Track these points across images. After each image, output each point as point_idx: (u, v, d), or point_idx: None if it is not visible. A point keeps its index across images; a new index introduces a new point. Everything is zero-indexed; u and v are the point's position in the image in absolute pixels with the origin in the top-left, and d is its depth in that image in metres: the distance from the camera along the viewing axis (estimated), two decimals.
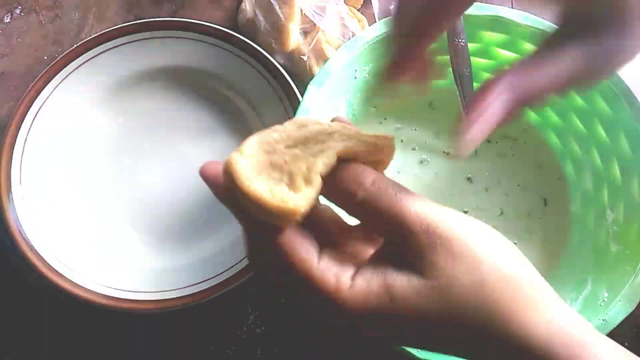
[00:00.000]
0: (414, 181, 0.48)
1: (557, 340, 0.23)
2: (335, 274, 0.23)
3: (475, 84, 0.50)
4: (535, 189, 0.48)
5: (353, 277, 0.23)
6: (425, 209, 0.23)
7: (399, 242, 0.23)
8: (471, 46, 0.46)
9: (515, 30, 0.43)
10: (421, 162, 0.48)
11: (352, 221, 0.27)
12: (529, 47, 0.44)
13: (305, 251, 0.23)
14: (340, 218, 0.28)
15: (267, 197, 0.22)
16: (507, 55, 0.46)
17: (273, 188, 0.23)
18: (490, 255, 0.23)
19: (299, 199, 0.22)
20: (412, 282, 0.23)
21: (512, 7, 0.49)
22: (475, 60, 0.48)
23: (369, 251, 0.26)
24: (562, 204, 0.48)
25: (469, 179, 0.49)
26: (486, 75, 0.49)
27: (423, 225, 0.23)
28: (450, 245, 0.22)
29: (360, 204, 0.23)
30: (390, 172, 0.48)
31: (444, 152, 0.49)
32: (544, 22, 0.42)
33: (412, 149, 0.49)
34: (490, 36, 0.45)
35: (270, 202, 0.22)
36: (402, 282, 0.23)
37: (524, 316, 0.22)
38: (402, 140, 0.49)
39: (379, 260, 0.24)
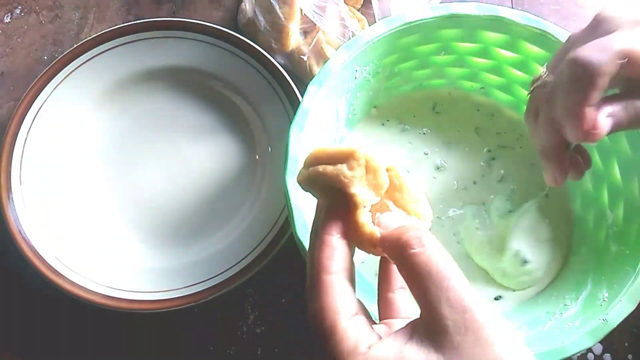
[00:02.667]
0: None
1: None
2: (356, 337, 0.24)
3: (475, 84, 0.51)
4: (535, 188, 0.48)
5: (371, 346, 0.23)
6: (465, 291, 0.23)
7: (432, 315, 0.24)
8: (471, 46, 0.46)
9: (515, 30, 0.43)
10: (438, 168, 0.49)
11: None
12: (529, 47, 0.44)
13: (343, 302, 0.24)
14: (367, 311, 0.28)
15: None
16: (507, 55, 0.46)
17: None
18: (506, 354, 0.23)
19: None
20: (424, 356, 0.23)
21: (512, 7, 0.49)
22: (475, 60, 0.48)
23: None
24: (563, 204, 0.48)
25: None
26: (485, 75, 0.49)
27: (462, 305, 0.23)
28: (480, 332, 0.23)
29: (406, 266, 0.24)
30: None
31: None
32: (544, 22, 0.42)
33: (425, 154, 0.49)
34: (490, 36, 0.45)
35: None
36: (418, 356, 0.23)
37: None
38: (409, 143, 0.49)
39: (401, 336, 0.25)
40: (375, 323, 0.28)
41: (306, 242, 0.36)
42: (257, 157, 0.51)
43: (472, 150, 0.49)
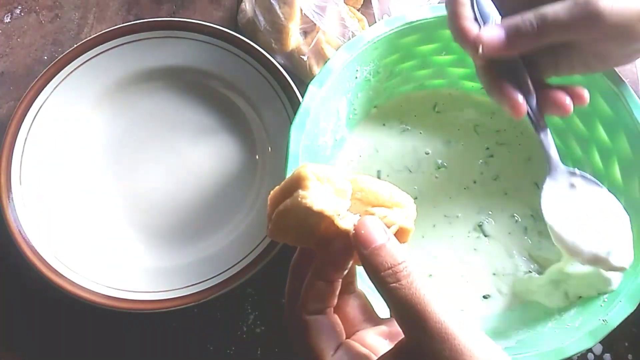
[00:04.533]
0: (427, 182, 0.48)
1: None
2: None
3: (475, 84, 0.51)
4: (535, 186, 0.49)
5: None
6: (447, 317, 0.24)
7: (414, 341, 0.24)
8: None
9: None
10: (439, 167, 0.49)
11: (383, 313, 0.30)
12: None
13: (326, 339, 0.26)
14: (371, 308, 0.30)
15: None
16: None
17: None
18: None
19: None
20: None
21: None
22: None
23: (386, 349, 0.27)
24: None
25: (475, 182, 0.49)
26: None
27: (442, 333, 0.23)
28: (463, 357, 0.23)
29: (392, 290, 0.25)
30: (399, 171, 0.48)
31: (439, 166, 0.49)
32: None
33: (426, 153, 0.49)
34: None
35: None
36: None
37: None
38: (410, 143, 0.49)
39: (390, 356, 0.26)
40: (376, 321, 0.29)
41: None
42: (257, 157, 0.51)
43: (472, 148, 0.50)
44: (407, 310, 0.24)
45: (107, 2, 0.58)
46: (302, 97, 0.40)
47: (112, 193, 0.50)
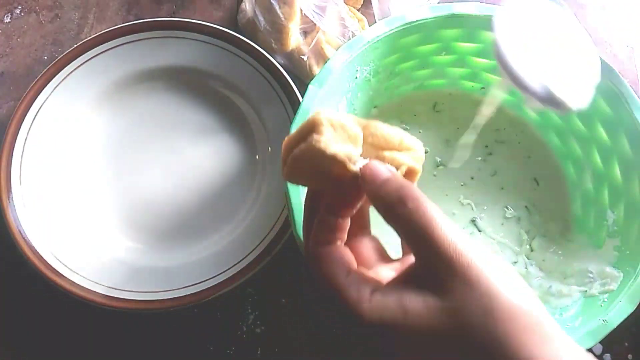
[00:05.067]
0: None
1: None
2: (357, 289, 0.26)
3: (476, 84, 0.51)
4: (535, 186, 0.49)
5: (372, 293, 0.25)
6: (457, 238, 0.25)
7: (424, 262, 0.25)
8: (471, 46, 0.46)
9: None
10: (437, 165, 0.49)
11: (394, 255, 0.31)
12: None
13: (337, 266, 0.27)
14: (385, 251, 0.31)
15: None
16: None
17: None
18: (503, 289, 0.24)
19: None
20: (427, 302, 0.24)
21: None
22: (476, 61, 0.48)
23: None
24: (562, 204, 0.48)
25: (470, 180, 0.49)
26: (486, 75, 0.49)
27: (454, 251, 0.24)
28: (470, 273, 0.24)
29: (400, 217, 0.25)
30: None
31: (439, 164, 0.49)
32: None
33: (425, 152, 0.49)
34: (491, 36, 0.44)
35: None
36: (417, 300, 0.25)
37: (533, 349, 0.23)
38: None
39: (399, 282, 0.27)
40: (389, 260, 0.30)
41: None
42: (257, 157, 0.51)
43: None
44: (416, 233, 0.25)
45: (107, 2, 0.58)
46: (302, 97, 0.40)
47: (112, 193, 0.50)
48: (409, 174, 0.28)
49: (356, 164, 0.26)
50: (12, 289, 0.48)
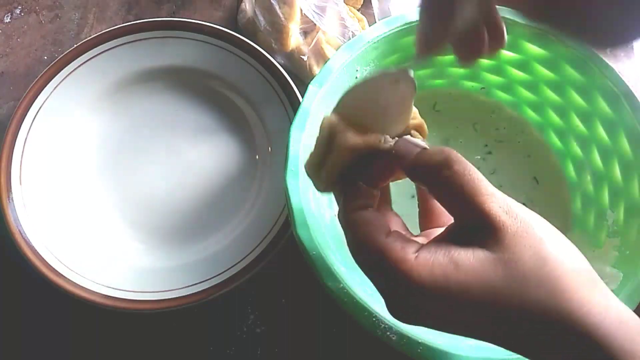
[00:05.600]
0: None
1: (614, 324, 0.23)
2: (402, 247, 0.25)
3: (476, 84, 0.51)
4: (534, 186, 0.49)
5: (418, 251, 0.25)
6: (503, 196, 0.25)
7: (472, 221, 0.25)
8: None
9: (516, 30, 0.43)
10: None
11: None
12: (529, 47, 0.44)
13: (377, 228, 0.26)
14: (405, 226, 0.31)
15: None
16: (508, 55, 0.46)
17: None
18: (551, 240, 0.25)
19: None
20: (477, 255, 0.24)
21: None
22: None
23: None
24: (562, 204, 0.48)
25: None
26: (486, 75, 0.49)
27: (505, 205, 0.25)
28: (519, 225, 0.24)
29: (448, 179, 0.25)
30: None
31: None
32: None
33: None
34: None
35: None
36: (467, 254, 0.24)
37: (584, 296, 0.23)
38: None
39: (442, 239, 0.26)
40: (412, 235, 0.30)
41: (306, 242, 0.36)
42: (257, 157, 0.51)
43: (470, 145, 0.50)
44: (465, 192, 0.25)
45: (107, 2, 0.58)
46: (302, 97, 0.40)
47: (111, 193, 0.50)
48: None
49: (387, 143, 0.28)
50: (12, 289, 0.48)
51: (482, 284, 0.24)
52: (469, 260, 0.24)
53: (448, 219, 0.30)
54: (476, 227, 0.25)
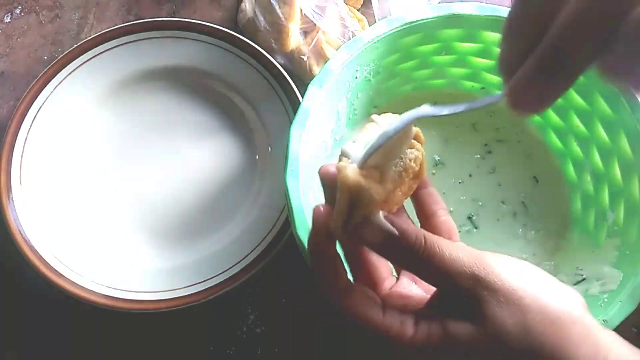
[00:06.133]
0: None
1: None
2: (401, 322, 0.27)
3: (476, 84, 0.51)
4: (534, 187, 0.49)
5: (416, 324, 0.27)
6: (470, 261, 0.26)
7: (451, 294, 0.27)
8: (472, 46, 0.46)
9: None
10: (436, 164, 0.49)
11: None
12: None
13: (371, 309, 0.27)
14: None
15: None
16: None
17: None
18: (532, 297, 0.25)
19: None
20: (467, 329, 0.25)
21: None
22: (476, 60, 0.48)
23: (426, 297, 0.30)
24: (562, 203, 0.48)
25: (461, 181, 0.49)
26: (486, 75, 0.49)
27: (470, 279, 0.25)
28: (496, 294, 0.25)
29: (413, 265, 0.27)
30: None
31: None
32: None
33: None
34: (491, 36, 0.45)
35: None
36: (458, 328, 0.26)
37: (572, 354, 0.24)
38: None
39: (435, 309, 0.28)
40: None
41: (306, 242, 0.36)
42: (257, 157, 0.51)
43: (470, 144, 0.50)
44: (431, 276, 0.27)
45: (107, 2, 0.58)
46: (302, 97, 0.40)
47: (111, 193, 0.50)
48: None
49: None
50: (12, 289, 0.48)
51: (472, 358, 0.26)
52: (460, 334, 0.26)
53: (388, 272, 0.32)
54: (460, 297, 0.26)
